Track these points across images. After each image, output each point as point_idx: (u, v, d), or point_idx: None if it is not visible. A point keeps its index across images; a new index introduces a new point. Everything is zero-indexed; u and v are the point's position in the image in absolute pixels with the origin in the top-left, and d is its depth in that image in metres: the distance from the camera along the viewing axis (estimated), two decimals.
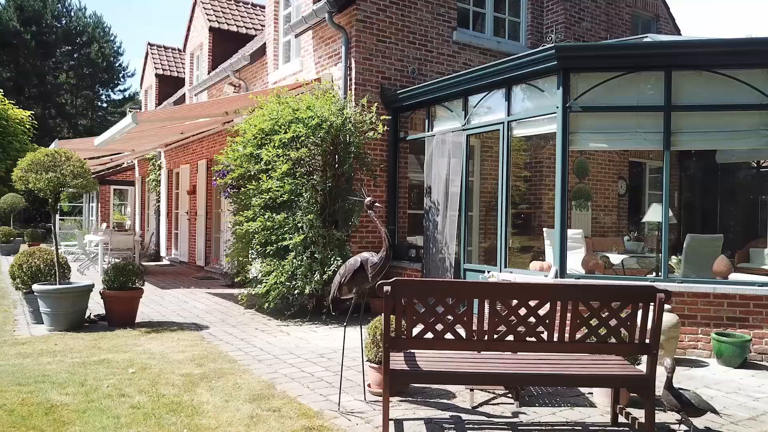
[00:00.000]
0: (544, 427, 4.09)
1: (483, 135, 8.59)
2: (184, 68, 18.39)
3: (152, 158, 18.59)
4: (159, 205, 18.28)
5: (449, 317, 3.55)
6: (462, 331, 3.60)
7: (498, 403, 4.57)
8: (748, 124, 6.21)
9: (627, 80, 6.36)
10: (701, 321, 6.09)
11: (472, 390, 4.65)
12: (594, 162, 10.99)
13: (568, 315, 3.54)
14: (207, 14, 14.86)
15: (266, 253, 7.75)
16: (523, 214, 10.23)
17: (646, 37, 7.64)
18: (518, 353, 4.12)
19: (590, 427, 4.10)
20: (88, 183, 7.04)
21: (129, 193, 22.08)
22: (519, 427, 4.08)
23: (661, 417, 4.29)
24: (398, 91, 8.65)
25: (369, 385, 4.72)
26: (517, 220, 10.05)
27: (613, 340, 3.59)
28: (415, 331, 3.64)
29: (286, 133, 7.55)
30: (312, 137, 7.55)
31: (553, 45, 6.22)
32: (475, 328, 3.59)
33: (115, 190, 22.39)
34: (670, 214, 6.33)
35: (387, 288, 3.47)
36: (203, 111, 8.49)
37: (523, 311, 3.54)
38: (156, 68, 19.36)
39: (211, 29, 14.62)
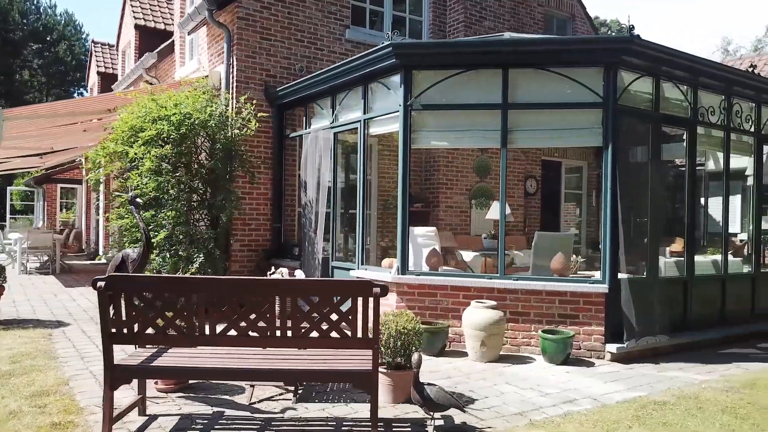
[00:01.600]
0: (298, 423, 4.09)
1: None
2: None
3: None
4: (99, 203, 18.18)
5: (168, 313, 3.55)
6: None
7: (280, 399, 4.58)
8: (584, 122, 6.24)
9: (467, 78, 6.37)
10: (534, 318, 6.12)
11: (252, 386, 4.66)
12: (498, 161, 10.97)
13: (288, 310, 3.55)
14: (134, 11, 14.81)
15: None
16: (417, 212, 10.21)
17: (504, 35, 7.65)
18: (306, 350, 4.13)
19: (343, 422, 4.11)
20: None
21: (77, 192, 21.95)
22: (272, 422, 4.08)
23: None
24: (278, 89, 8.64)
25: (156, 383, 4.71)
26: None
27: (335, 334, 3.60)
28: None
29: (150, 130, 7.53)
30: (175, 134, 7.53)
31: (389, 42, 6.22)
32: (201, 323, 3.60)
33: (62, 188, 22.24)
34: (508, 211, 6.35)
35: (100, 284, 3.47)
36: (77, 108, 8.46)
37: (242, 307, 3.55)
38: (98, 66, 19.27)
39: (136, 26, 14.57)
